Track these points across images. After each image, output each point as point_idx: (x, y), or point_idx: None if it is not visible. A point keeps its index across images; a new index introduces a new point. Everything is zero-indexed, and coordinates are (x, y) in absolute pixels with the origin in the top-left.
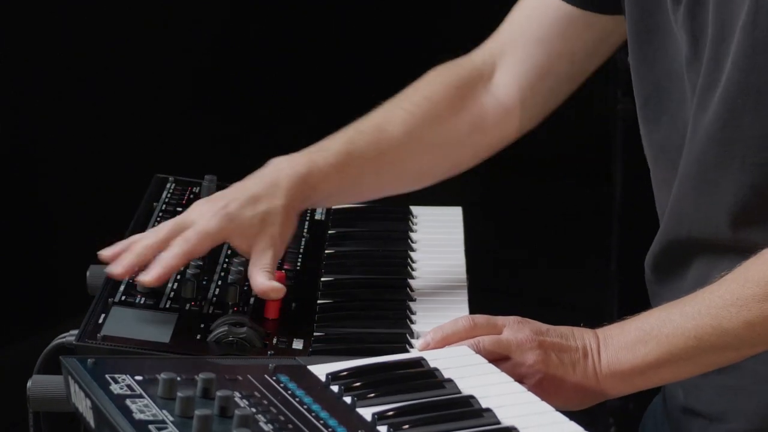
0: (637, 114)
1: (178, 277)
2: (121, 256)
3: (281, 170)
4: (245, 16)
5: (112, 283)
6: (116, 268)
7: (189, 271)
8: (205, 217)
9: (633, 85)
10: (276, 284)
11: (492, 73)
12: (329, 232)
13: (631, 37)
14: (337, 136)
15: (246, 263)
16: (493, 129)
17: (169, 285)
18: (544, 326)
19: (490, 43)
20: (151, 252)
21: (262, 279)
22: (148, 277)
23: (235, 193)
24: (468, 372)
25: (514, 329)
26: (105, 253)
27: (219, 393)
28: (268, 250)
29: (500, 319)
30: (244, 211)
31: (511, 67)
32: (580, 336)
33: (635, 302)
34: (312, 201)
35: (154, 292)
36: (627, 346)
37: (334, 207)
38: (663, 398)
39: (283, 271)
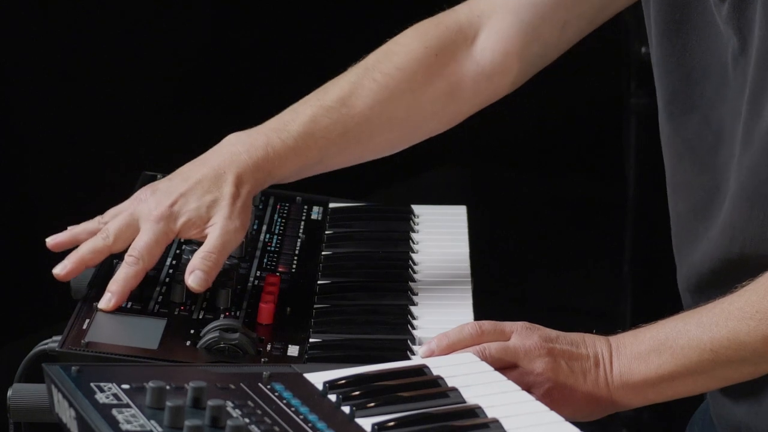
0: (659, 109)
1: (167, 280)
2: (68, 259)
3: (236, 155)
4: (236, 13)
5: (97, 287)
6: (61, 272)
7: (178, 275)
8: (152, 217)
9: (656, 78)
10: (198, 274)
11: (476, 35)
12: (326, 232)
13: (657, 27)
14: (301, 111)
15: (239, 266)
16: (470, 97)
17: (158, 288)
18: (554, 333)
19: (480, 1)
20: (100, 257)
21: (194, 261)
22: (109, 305)
23: (183, 184)
24: (473, 380)
25: (523, 336)
26: (49, 241)
27: (210, 402)
28: (215, 233)
29: (508, 325)
30: (189, 203)
31: (499, 31)
32: (591, 343)
33: (649, 306)
34: (268, 183)
35: (142, 296)
36: (640, 356)
37: (331, 206)
38: (710, 411)
39: (278, 274)
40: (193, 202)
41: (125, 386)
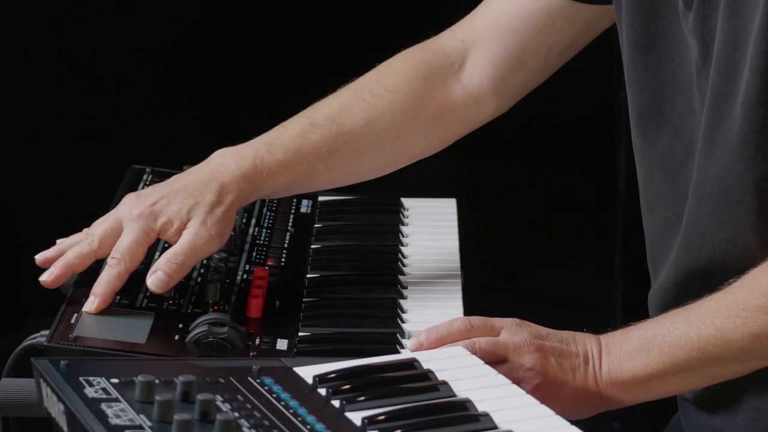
0: (631, 125)
1: None
2: (55, 266)
3: (224, 166)
4: (225, 7)
5: (85, 282)
6: (48, 279)
7: None
8: (132, 216)
9: (628, 94)
10: (159, 275)
11: (463, 61)
12: (315, 225)
13: (630, 42)
14: (290, 127)
15: (228, 260)
16: (459, 120)
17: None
18: (544, 330)
19: (463, 27)
20: (86, 261)
21: (159, 261)
22: (92, 307)
23: (167, 188)
24: (464, 374)
25: (512, 332)
26: (38, 258)
27: (200, 396)
28: (186, 237)
29: (498, 321)
30: (171, 205)
31: (485, 57)
32: (581, 341)
33: (640, 301)
34: (256, 197)
35: (130, 290)
36: (629, 354)
37: (320, 199)
38: (682, 422)
39: (266, 268)
40: (175, 205)
41: (114, 380)
